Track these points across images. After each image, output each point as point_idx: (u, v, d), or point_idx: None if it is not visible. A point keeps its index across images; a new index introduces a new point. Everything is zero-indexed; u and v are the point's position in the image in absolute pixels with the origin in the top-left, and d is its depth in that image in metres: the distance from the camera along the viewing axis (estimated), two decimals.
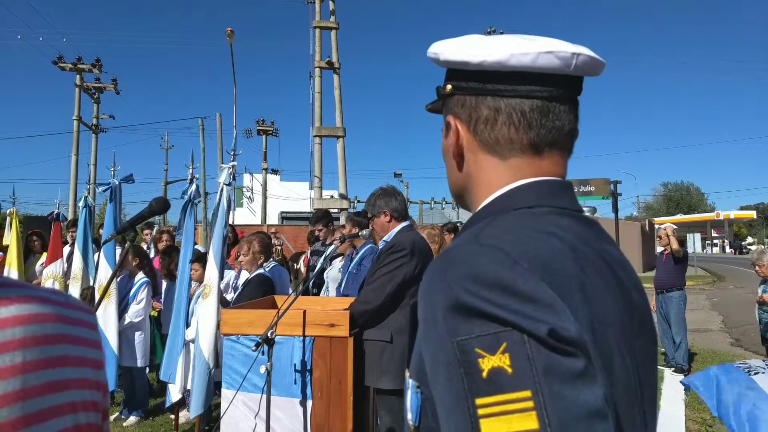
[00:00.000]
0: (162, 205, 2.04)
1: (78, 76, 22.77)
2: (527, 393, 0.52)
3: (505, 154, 0.75)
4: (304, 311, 2.82)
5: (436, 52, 0.77)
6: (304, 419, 2.79)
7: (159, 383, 5.48)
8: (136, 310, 4.95)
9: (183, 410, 4.64)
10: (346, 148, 16.44)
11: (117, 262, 5.05)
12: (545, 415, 0.51)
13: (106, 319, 4.68)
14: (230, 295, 4.64)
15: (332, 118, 16.57)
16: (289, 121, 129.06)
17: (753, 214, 65.13)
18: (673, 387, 6.03)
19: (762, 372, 2.51)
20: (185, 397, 4.37)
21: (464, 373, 0.54)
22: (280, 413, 2.79)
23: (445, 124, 0.81)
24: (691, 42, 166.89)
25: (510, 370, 0.53)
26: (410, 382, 0.69)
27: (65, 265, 5.96)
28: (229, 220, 4.43)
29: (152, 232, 7.26)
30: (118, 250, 5.37)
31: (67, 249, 6.31)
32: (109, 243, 5.00)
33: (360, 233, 3.63)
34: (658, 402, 5.47)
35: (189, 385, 4.10)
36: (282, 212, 28.81)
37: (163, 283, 5.38)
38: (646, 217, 56.00)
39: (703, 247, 60.24)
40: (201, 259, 4.39)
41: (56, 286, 5.62)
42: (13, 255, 6.09)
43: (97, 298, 4.80)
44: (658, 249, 7.49)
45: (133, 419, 4.92)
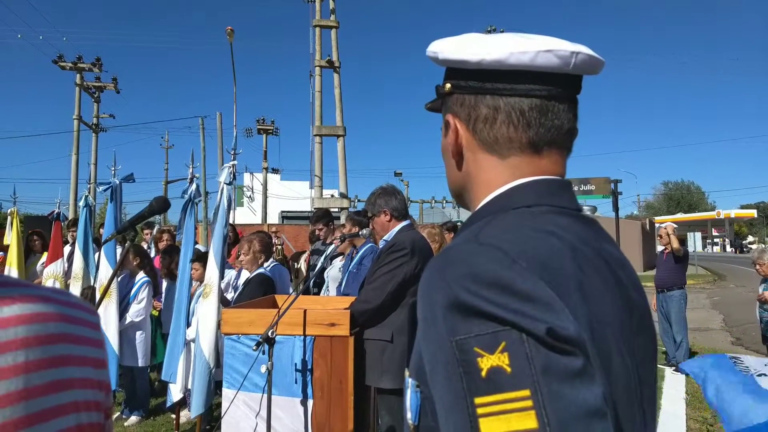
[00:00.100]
0: (162, 205, 2.04)
1: (78, 75, 22.78)
2: (526, 392, 0.52)
3: (504, 153, 0.75)
4: (305, 311, 2.82)
5: (435, 50, 0.77)
6: (305, 419, 2.79)
7: (160, 383, 5.49)
8: (137, 310, 4.95)
9: (184, 410, 4.64)
10: (346, 147, 16.46)
11: (117, 262, 5.05)
12: (544, 415, 0.51)
13: (107, 318, 4.68)
14: (230, 295, 4.65)
15: (332, 117, 16.60)
16: (290, 120, 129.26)
17: (754, 212, 65.05)
18: (674, 386, 6.04)
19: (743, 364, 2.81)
20: (186, 397, 4.38)
21: (463, 372, 0.54)
22: (281, 413, 2.79)
23: (444, 123, 0.81)
24: (691, 41, 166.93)
25: (509, 369, 0.53)
26: (410, 381, 0.69)
27: (66, 265, 5.96)
28: (229, 220, 4.43)
29: (152, 232, 7.26)
30: (118, 250, 5.38)
31: (67, 248, 6.32)
32: (109, 242, 5.01)
33: (360, 232, 3.62)
34: (659, 401, 5.47)
35: (190, 385, 4.10)
36: (282, 211, 28.78)
37: (164, 283, 5.39)
38: (646, 216, 55.98)
39: (704, 246, 60.15)
40: (201, 258, 4.39)
41: (57, 286, 5.62)
42: (14, 254, 6.09)
43: (97, 298, 4.80)
44: (659, 248, 7.49)
45: (134, 419, 4.92)
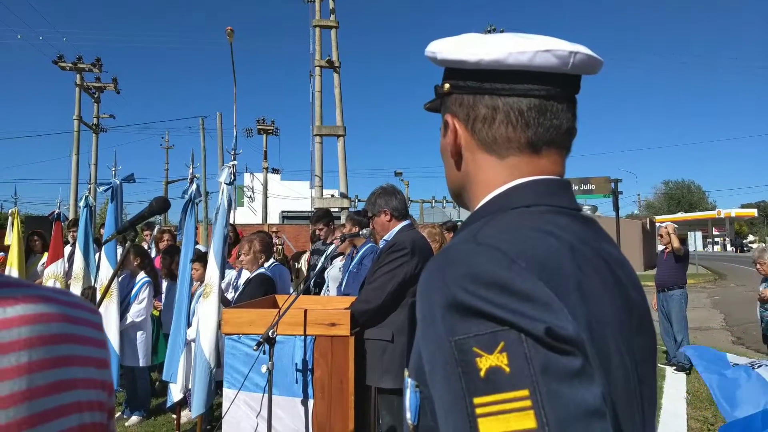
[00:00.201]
0: (162, 205, 2.04)
1: (78, 76, 22.81)
2: (525, 392, 0.51)
3: (503, 153, 0.75)
4: (305, 310, 2.82)
5: (434, 51, 0.77)
6: (306, 419, 2.79)
7: (161, 383, 5.49)
8: (138, 310, 4.95)
9: (184, 410, 4.65)
10: (346, 147, 16.47)
11: (118, 262, 5.05)
12: (543, 414, 0.51)
13: (108, 318, 4.68)
14: (231, 295, 4.65)
15: (332, 117, 16.61)
16: (290, 120, 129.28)
17: (754, 212, 65.05)
18: (674, 385, 6.04)
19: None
20: (186, 397, 4.38)
21: (462, 372, 0.54)
22: (281, 412, 2.79)
23: (443, 123, 0.81)
24: (691, 41, 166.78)
25: (507, 369, 0.52)
26: (409, 381, 0.69)
27: (66, 265, 5.97)
28: (229, 220, 4.43)
29: (152, 233, 7.26)
30: (119, 250, 5.38)
31: (68, 249, 6.32)
32: (110, 243, 5.01)
33: (360, 232, 3.62)
34: (660, 400, 5.46)
35: (190, 385, 4.10)
36: (283, 211, 28.81)
37: (164, 283, 5.39)
38: (647, 215, 55.90)
39: (705, 245, 60.14)
40: (202, 258, 4.40)
41: (57, 286, 5.62)
42: (15, 255, 6.10)
43: (98, 298, 4.81)
44: (659, 247, 7.48)
45: (135, 419, 4.92)
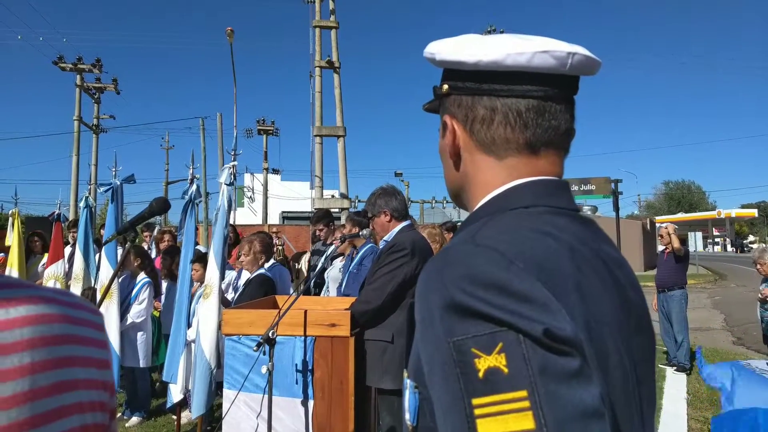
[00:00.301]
0: (162, 206, 2.05)
1: (78, 76, 22.81)
2: (523, 393, 0.52)
3: (502, 154, 0.75)
4: (305, 311, 2.82)
5: (433, 52, 0.77)
6: (306, 419, 2.79)
7: (161, 384, 5.49)
8: (138, 311, 4.95)
9: (185, 410, 4.65)
10: (346, 147, 16.45)
11: (118, 263, 5.05)
12: (541, 415, 0.51)
13: (108, 319, 4.67)
14: (231, 295, 4.65)
15: (333, 117, 16.59)
16: (290, 120, 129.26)
17: (754, 212, 64.95)
18: (675, 386, 6.03)
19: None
20: (187, 398, 4.38)
21: (460, 373, 0.54)
22: (281, 413, 2.79)
23: (441, 124, 0.81)
24: (691, 41, 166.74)
25: (506, 370, 0.53)
26: (408, 382, 0.69)
27: (67, 266, 5.97)
28: (230, 220, 4.44)
29: (152, 234, 7.26)
30: (119, 251, 5.38)
31: (68, 249, 6.32)
32: (110, 243, 5.01)
33: (360, 233, 3.62)
34: (660, 401, 5.46)
35: (190, 386, 4.10)
36: (283, 212, 28.81)
37: (164, 284, 5.39)
38: (647, 215, 55.93)
39: (705, 245, 60.08)
40: (202, 259, 4.40)
41: (57, 287, 5.62)
42: (15, 256, 6.10)
43: (98, 299, 4.81)
44: (660, 248, 7.47)
45: (135, 420, 4.92)
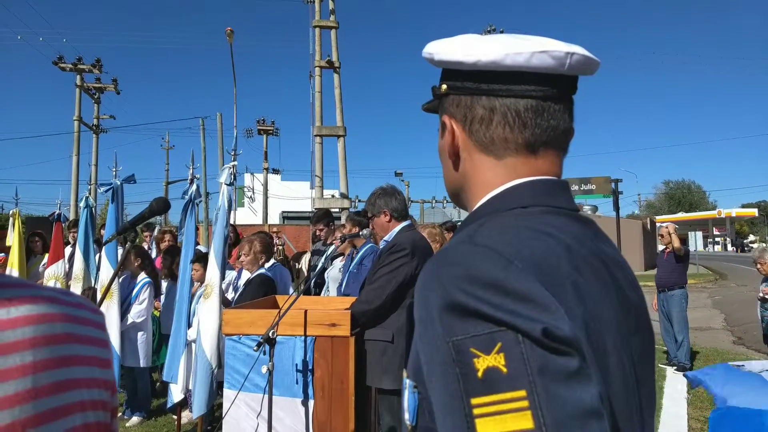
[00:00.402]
0: (162, 206, 2.05)
1: (78, 77, 22.80)
2: (522, 393, 0.52)
3: (501, 154, 0.75)
4: (306, 311, 2.82)
5: (431, 52, 0.77)
6: (306, 419, 2.79)
7: (161, 383, 5.49)
8: (139, 311, 4.96)
9: (185, 410, 4.65)
10: (346, 147, 16.44)
11: (118, 263, 5.06)
12: (540, 415, 0.51)
13: (108, 319, 4.67)
14: (231, 295, 4.65)
15: (333, 117, 16.58)
16: (290, 120, 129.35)
17: (755, 211, 64.92)
18: (675, 386, 6.03)
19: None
20: (187, 398, 4.38)
21: (459, 373, 0.54)
22: (281, 413, 2.79)
23: (440, 124, 0.81)
24: (691, 41, 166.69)
25: (505, 369, 0.53)
26: (407, 382, 0.69)
27: (67, 266, 5.97)
28: (230, 220, 4.44)
29: (152, 234, 7.27)
30: (119, 251, 5.38)
31: (68, 249, 6.32)
32: (110, 243, 5.01)
33: (360, 233, 3.63)
34: (660, 400, 5.46)
35: (191, 386, 4.10)
36: (283, 212, 28.87)
37: (164, 283, 5.39)
38: (647, 215, 55.80)
39: (705, 245, 60.09)
40: (202, 259, 4.40)
41: (58, 287, 5.62)
42: (15, 256, 6.10)
43: (98, 299, 4.81)
44: (660, 247, 7.48)
45: (135, 419, 4.93)
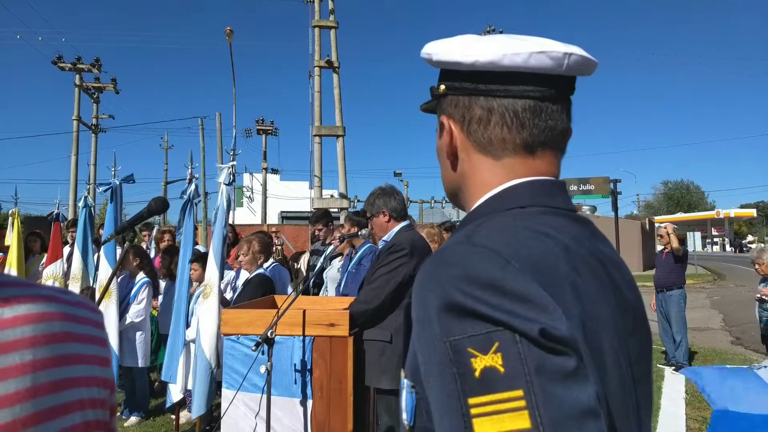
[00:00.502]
0: (161, 205, 2.04)
1: (77, 76, 22.77)
2: (519, 392, 0.52)
3: (498, 154, 0.75)
4: (304, 311, 2.82)
5: (429, 52, 0.77)
6: (305, 419, 2.79)
7: (159, 383, 5.49)
8: (137, 310, 4.95)
9: (183, 410, 4.65)
10: (345, 147, 16.42)
11: (117, 262, 5.05)
12: (537, 415, 0.51)
13: (107, 319, 4.67)
14: (229, 295, 4.65)
15: (332, 117, 16.56)
16: (289, 120, 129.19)
17: (753, 212, 64.91)
18: (673, 386, 6.04)
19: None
20: (186, 397, 4.38)
21: (457, 372, 0.54)
22: (280, 413, 2.79)
23: (438, 124, 0.81)
24: (690, 41, 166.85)
25: (502, 369, 0.53)
26: (405, 382, 0.69)
27: (65, 265, 5.97)
28: (229, 220, 4.44)
29: (151, 234, 7.26)
30: (118, 250, 5.38)
31: (67, 249, 6.32)
32: (109, 243, 5.01)
33: (359, 233, 3.63)
34: (659, 401, 5.47)
35: (189, 385, 4.10)
36: (282, 212, 28.83)
37: (162, 283, 5.39)
38: (646, 215, 55.86)
39: (704, 245, 60.12)
40: (200, 259, 4.40)
41: (56, 286, 5.62)
42: (14, 255, 6.10)
43: (97, 298, 4.81)
44: (658, 247, 7.49)
45: (133, 419, 4.92)
